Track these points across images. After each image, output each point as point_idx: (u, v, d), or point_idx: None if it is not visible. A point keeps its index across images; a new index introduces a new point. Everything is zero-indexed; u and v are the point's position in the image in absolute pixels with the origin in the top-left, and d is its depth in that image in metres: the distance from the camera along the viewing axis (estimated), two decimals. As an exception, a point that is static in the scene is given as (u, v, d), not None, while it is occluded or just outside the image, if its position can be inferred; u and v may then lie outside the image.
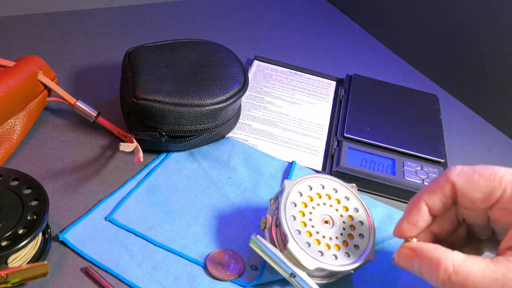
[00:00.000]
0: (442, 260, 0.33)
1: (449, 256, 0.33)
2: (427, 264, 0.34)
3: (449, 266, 0.33)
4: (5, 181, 0.41)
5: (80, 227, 0.44)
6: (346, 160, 0.54)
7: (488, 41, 0.67)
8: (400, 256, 0.37)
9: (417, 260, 0.35)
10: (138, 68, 0.52)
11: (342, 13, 0.89)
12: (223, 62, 0.55)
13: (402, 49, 0.79)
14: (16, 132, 0.50)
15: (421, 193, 0.37)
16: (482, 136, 0.66)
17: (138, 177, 0.50)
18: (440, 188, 0.36)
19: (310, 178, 0.45)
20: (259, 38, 0.77)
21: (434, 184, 0.37)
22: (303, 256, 0.40)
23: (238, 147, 0.55)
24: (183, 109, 0.49)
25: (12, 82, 0.48)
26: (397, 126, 0.60)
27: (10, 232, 0.37)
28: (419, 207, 0.37)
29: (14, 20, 0.70)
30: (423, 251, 0.35)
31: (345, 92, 0.65)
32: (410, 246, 0.37)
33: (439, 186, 0.36)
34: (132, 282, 0.41)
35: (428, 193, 0.37)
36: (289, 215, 0.42)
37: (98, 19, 0.74)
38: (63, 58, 0.65)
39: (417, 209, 0.37)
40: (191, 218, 0.47)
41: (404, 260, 0.36)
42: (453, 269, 0.32)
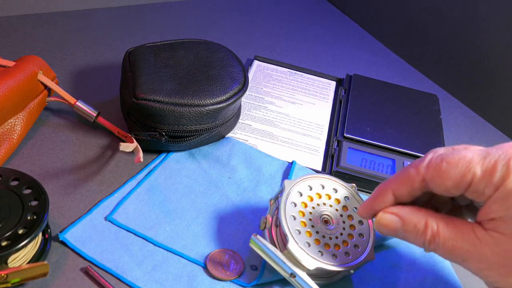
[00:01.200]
0: (428, 221, 0.35)
1: (433, 218, 0.35)
2: (412, 226, 0.35)
3: (434, 227, 0.35)
4: (5, 181, 0.41)
5: (80, 227, 0.44)
6: (346, 160, 0.54)
7: (488, 41, 0.67)
8: (382, 221, 0.37)
9: (401, 224, 0.36)
10: (138, 68, 0.52)
11: (342, 13, 0.89)
12: (223, 62, 0.55)
13: (402, 49, 0.79)
14: (16, 132, 0.50)
15: (389, 182, 0.37)
16: (482, 136, 0.66)
17: (138, 177, 0.50)
18: (410, 179, 0.36)
19: (310, 178, 0.45)
20: (259, 38, 0.77)
21: (403, 175, 0.37)
22: (303, 256, 0.40)
23: (238, 147, 0.55)
24: (183, 109, 0.49)
25: (12, 82, 0.48)
26: (397, 126, 0.60)
27: (10, 232, 0.37)
28: (385, 196, 0.37)
29: (14, 20, 0.70)
30: (407, 214, 0.36)
31: (345, 92, 0.65)
32: (391, 211, 0.37)
33: (408, 178, 0.36)
34: (132, 282, 0.41)
35: (396, 184, 0.37)
36: (289, 215, 0.42)
37: (98, 19, 0.74)
38: (63, 58, 0.65)
39: (383, 198, 0.37)
40: (191, 218, 0.47)
41: (387, 225, 0.37)
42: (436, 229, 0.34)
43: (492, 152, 0.33)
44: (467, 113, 0.70)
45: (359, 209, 0.40)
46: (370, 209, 0.39)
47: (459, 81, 0.72)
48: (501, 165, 0.32)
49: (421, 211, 0.36)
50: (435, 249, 0.35)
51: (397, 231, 0.37)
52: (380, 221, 0.37)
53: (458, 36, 0.71)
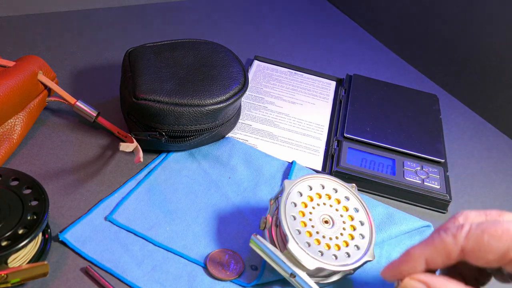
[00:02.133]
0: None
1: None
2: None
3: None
4: (5, 181, 0.41)
5: (80, 227, 0.44)
6: (346, 160, 0.54)
7: (488, 41, 0.67)
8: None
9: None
10: (138, 68, 0.52)
11: (342, 13, 0.89)
12: (223, 62, 0.55)
13: (402, 49, 0.79)
14: (16, 132, 0.50)
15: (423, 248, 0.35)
16: (482, 136, 0.66)
17: (138, 177, 0.50)
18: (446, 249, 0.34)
19: (310, 178, 0.45)
20: (259, 38, 0.77)
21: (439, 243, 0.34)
22: (303, 256, 0.40)
23: (238, 147, 0.55)
24: (183, 109, 0.49)
25: (12, 82, 0.48)
26: (397, 126, 0.60)
27: (10, 232, 0.37)
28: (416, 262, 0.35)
29: (14, 20, 0.70)
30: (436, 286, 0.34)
31: (345, 92, 0.65)
32: (419, 278, 0.35)
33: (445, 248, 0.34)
34: (132, 282, 0.41)
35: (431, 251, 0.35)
36: (289, 215, 0.42)
37: (98, 19, 0.74)
38: (63, 58, 0.65)
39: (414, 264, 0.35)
40: (191, 218, 0.47)
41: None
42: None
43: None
44: (467, 113, 0.70)
45: (384, 270, 0.37)
46: (397, 273, 0.36)
47: (459, 81, 0.72)
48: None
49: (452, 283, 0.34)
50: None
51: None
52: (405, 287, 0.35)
53: (458, 36, 0.71)
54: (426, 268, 0.35)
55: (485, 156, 0.63)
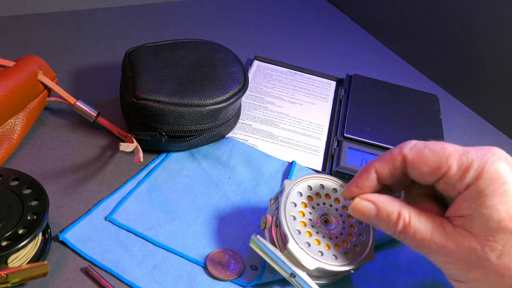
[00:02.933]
0: (401, 212, 0.37)
1: (406, 209, 0.37)
2: (386, 215, 0.37)
3: (406, 219, 0.36)
4: (5, 181, 0.41)
5: (80, 227, 0.44)
6: (346, 160, 0.54)
7: (488, 41, 0.67)
8: (358, 207, 0.39)
9: (375, 212, 0.38)
10: (138, 68, 0.52)
11: (342, 13, 0.89)
12: (223, 62, 0.55)
13: (402, 49, 0.79)
14: (16, 132, 0.50)
15: (374, 161, 0.39)
16: (482, 136, 0.66)
17: (138, 177, 0.50)
18: (392, 159, 0.38)
19: (310, 178, 0.45)
20: (259, 38, 0.77)
21: (387, 154, 0.38)
22: (303, 256, 0.40)
23: (238, 147, 0.55)
24: (183, 109, 0.49)
25: (12, 82, 0.48)
26: (397, 126, 0.60)
27: (10, 232, 0.37)
28: (369, 173, 0.39)
29: (14, 20, 0.70)
30: (382, 203, 0.38)
31: (345, 92, 0.65)
32: (367, 197, 0.39)
33: (391, 157, 0.38)
34: (132, 282, 0.41)
35: (380, 162, 0.39)
36: (289, 215, 0.42)
37: (98, 19, 0.74)
38: (63, 58, 0.65)
39: (367, 175, 0.39)
40: (191, 218, 0.47)
41: (362, 211, 0.39)
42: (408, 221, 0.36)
43: (471, 152, 0.35)
44: (467, 113, 0.70)
45: (343, 190, 0.41)
46: (353, 187, 0.40)
47: (459, 81, 0.72)
48: (477, 166, 0.34)
49: (396, 201, 0.38)
50: (404, 239, 0.37)
51: (371, 218, 0.38)
52: (356, 206, 0.39)
53: (458, 36, 0.71)
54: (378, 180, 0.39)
55: (485, 156, 0.63)
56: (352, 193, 0.40)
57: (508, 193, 0.33)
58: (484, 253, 0.34)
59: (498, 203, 0.33)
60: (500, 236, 0.34)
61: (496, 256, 0.34)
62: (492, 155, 0.35)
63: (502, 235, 0.34)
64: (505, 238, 0.33)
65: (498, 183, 0.34)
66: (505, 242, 0.34)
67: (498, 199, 0.33)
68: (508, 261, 0.34)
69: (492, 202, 0.33)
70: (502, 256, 0.34)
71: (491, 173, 0.34)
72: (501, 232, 0.33)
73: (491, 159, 0.34)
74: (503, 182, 0.34)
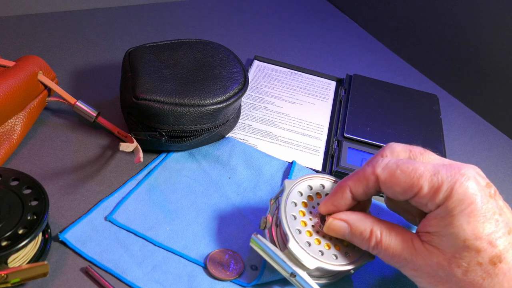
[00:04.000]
0: (373, 230, 0.39)
1: (378, 227, 0.39)
2: (359, 233, 0.39)
3: (378, 236, 0.39)
4: (5, 181, 0.41)
5: (80, 227, 0.44)
6: (346, 160, 0.54)
7: (488, 41, 0.67)
8: (332, 227, 0.40)
9: (348, 230, 0.40)
10: (138, 68, 0.52)
11: (342, 13, 0.89)
12: (223, 62, 0.55)
13: (402, 49, 0.79)
14: (16, 132, 0.50)
15: (348, 179, 0.40)
16: (482, 136, 0.66)
17: (138, 177, 0.50)
18: (366, 179, 0.39)
19: (310, 178, 0.45)
20: (259, 38, 0.77)
21: (361, 173, 0.39)
22: (303, 255, 0.40)
23: (238, 147, 0.55)
24: (183, 109, 0.49)
25: (12, 82, 0.48)
26: (397, 126, 0.60)
27: (10, 232, 0.37)
28: (343, 192, 0.40)
29: (14, 20, 0.70)
30: (355, 222, 0.40)
31: (345, 92, 0.65)
32: (340, 217, 0.40)
33: (364, 177, 0.39)
34: (132, 282, 0.41)
35: (354, 181, 0.40)
36: (289, 215, 0.42)
37: (98, 19, 0.74)
38: (63, 58, 0.65)
39: (342, 194, 0.40)
40: (191, 218, 0.47)
41: (336, 230, 0.40)
42: (380, 238, 0.38)
43: (441, 171, 0.37)
44: (467, 113, 0.70)
45: (320, 205, 0.42)
46: (329, 205, 0.41)
47: (459, 81, 0.72)
48: (446, 187, 0.36)
49: (368, 219, 0.40)
50: (377, 254, 0.39)
51: (345, 235, 0.40)
52: (330, 226, 0.41)
53: (458, 36, 0.71)
54: (352, 198, 0.40)
55: (485, 156, 0.63)
56: (328, 211, 0.41)
57: (474, 213, 0.35)
58: (451, 269, 0.36)
59: (464, 223, 0.35)
60: (465, 254, 0.36)
61: (462, 272, 0.36)
62: (461, 176, 0.36)
63: (467, 253, 0.35)
64: (470, 256, 0.35)
65: (466, 204, 0.35)
66: (470, 260, 0.36)
67: (465, 219, 0.35)
68: (473, 278, 0.36)
69: (459, 222, 0.35)
70: (467, 272, 0.36)
71: (460, 194, 0.35)
72: (466, 250, 0.35)
73: (460, 180, 0.36)
74: (470, 203, 0.35)
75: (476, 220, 0.35)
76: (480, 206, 0.35)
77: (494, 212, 0.36)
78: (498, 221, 0.36)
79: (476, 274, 0.36)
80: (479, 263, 0.35)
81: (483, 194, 0.36)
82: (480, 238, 0.35)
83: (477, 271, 0.36)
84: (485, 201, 0.36)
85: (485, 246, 0.35)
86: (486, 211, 0.35)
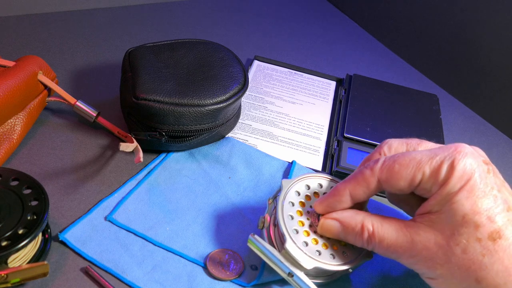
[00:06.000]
0: (364, 224, 0.39)
1: (369, 220, 0.39)
2: (351, 229, 0.39)
3: (370, 229, 0.38)
4: (5, 181, 0.41)
5: (80, 227, 0.44)
6: (346, 160, 0.54)
7: (488, 41, 0.67)
8: (325, 227, 0.40)
9: (341, 228, 0.40)
10: (138, 68, 0.52)
11: (342, 13, 0.89)
12: (223, 62, 0.55)
13: (402, 49, 0.79)
14: (16, 132, 0.50)
15: (347, 183, 0.40)
16: (482, 136, 0.66)
17: (138, 177, 0.50)
18: (366, 181, 0.39)
19: (308, 178, 0.45)
20: (259, 38, 0.77)
21: (359, 177, 0.39)
22: (300, 255, 0.40)
23: (238, 147, 0.55)
24: (183, 109, 0.49)
25: (12, 82, 0.49)
26: (397, 126, 0.60)
27: (10, 232, 0.37)
28: (342, 196, 0.40)
29: (14, 20, 0.70)
30: (346, 219, 0.39)
31: (345, 92, 0.65)
32: (331, 216, 0.40)
33: (364, 180, 0.39)
34: (132, 282, 0.41)
35: (353, 185, 0.39)
36: (286, 215, 0.42)
37: (98, 19, 0.74)
38: (63, 58, 0.65)
39: (340, 198, 0.40)
40: (191, 218, 0.47)
41: (329, 230, 0.40)
42: (372, 230, 0.38)
43: (438, 153, 0.37)
44: (467, 113, 0.70)
45: (316, 204, 0.42)
46: (327, 207, 0.41)
47: (459, 81, 0.72)
48: (446, 165, 0.36)
49: (359, 214, 0.39)
50: (373, 248, 0.39)
51: (338, 234, 0.40)
52: (323, 227, 0.41)
53: (458, 36, 0.71)
54: (351, 200, 0.40)
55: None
56: (324, 211, 0.41)
57: (473, 188, 0.35)
58: (450, 248, 0.36)
59: (463, 198, 0.35)
60: (464, 230, 0.35)
61: (461, 250, 0.35)
62: (458, 153, 0.36)
63: (466, 229, 0.35)
64: (469, 232, 0.35)
65: (464, 179, 0.35)
66: (468, 236, 0.35)
67: (464, 195, 0.35)
68: (472, 255, 0.35)
69: (458, 197, 0.35)
70: (466, 249, 0.35)
71: (459, 170, 0.35)
72: (465, 226, 0.35)
73: (458, 157, 0.36)
74: (468, 179, 0.35)
75: (475, 195, 0.35)
76: (479, 182, 0.35)
77: (492, 188, 0.36)
78: (496, 197, 0.35)
79: (475, 250, 0.35)
80: (478, 239, 0.35)
81: (481, 170, 0.36)
82: (479, 213, 0.35)
83: (476, 248, 0.35)
84: (483, 176, 0.36)
85: (484, 221, 0.35)
86: (484, 186, 0.35)
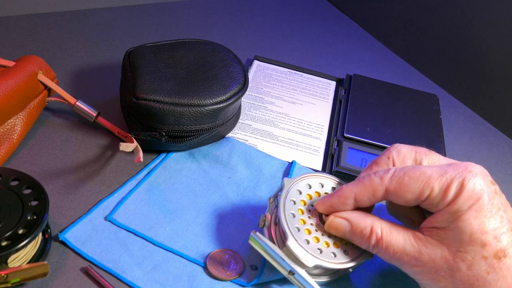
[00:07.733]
0: (373, 228, 0.39)
1: (378, 224, 0.39)
2: (359, 231, 0.39)
3: (378, 233, 0.39)
4: (5, 181, 0.41)
5: (80, 227, 0.44)
6: (346, 160, 0.54)
7: (488, 41, 0.67)
8: (333, 224, 0.41)
9: (349, 228, 0.40)
10: (138, 68, 0.52)
11: (342, 13, 0.89)
12: (223, 62, 0.55)
13: (402, 49, 0.79)
14: (16, 132, 0.50)
15: (353, 187, 0.40)
16: (482, 136, 0.66)
17: (138, 177, 0.50)
18: (373, 189, 0.39)
19: (309, 177, 0.45)
20: (259, 38, 0.77)
21: (367, 183, 0.39)
22: (302, 253, 0.40)
23: (238, 147, 0.55)
24: (183, 109, 0.49)
25: (12, 82, 0.49)
26: (397, 126, 0.60)
27: (10, 232, 0.37)
28: (346, 199, 0.40)
29: (14, 20, 0.70)
30: (355, 219, 0.40)
31: (345, 92, 0.65)
32: (341, 215, 0.40)
33: (372, 187, 0.39)
34: (132, 282, 0.41)
35: (360, 190, 0.40)
36: (288, 213, 0.42)
37: (98, 19, 0.74)
38: (63, 58, 0.65)
39: (344, 200, 0.40)
40: (191, 218, 0.47)
41: (337, 228, 0.40)
42: (380, 235, 0.38)
43: (449, 170, 0.37)
44: (467, 113, 0.70)
45: (318, 203, 0.42)
46: (329, 207, 0.41)
47: (459, 81, 0.72)
48: (456, 184, 0.36)
49: (368, 217, 0.40)
50: (378, 252, 0.39)
51: (345, 234, 0.40)
52: (331, 224, 0.41)
53: (458, 36, 0.71)
54: (355, 204, 0.40)
55: (485, 156, 0.63)
56: (326, 211, 0.42)
57: (481, 208, 0.36)
58: (455, 263, 0.36)
59: (471, 217, 0.36)
60: (471, 248, 0.36)
61: (467, 266, 0.36)
62: (468, 173, 0.37)
63: (472, 247, 0.36)
64: (475, 250, 0.36)
65: (474, 199, 0.36)
66: (475, 254, 0.36)
67: (472, 214, 0.36)
68: (477, 272, 0.36)
69: (467, 216, 0.36)
70: (471, 266, 0.36)
71: (468, 190, 0.36)
72: (472, 244, 0.36)
73: (468, 176, 0.37)
74: (477, 198, 0.36)
75: (483, 215, 0.36)
76: (487, 202, 0.36)
77: (499, 208, 0.37)
78: (502, 217, 0.36)
79: (480, 268, 0.36)
80: (484, 257, 0.36)
81: (489, 191, 0.37)
82: (486, 232, 0.36)
83: (482, 265, 0.36)
84: (491, 197, 0.37)
85: (491, 240, 0.36)
86: (492, 207, 0.36)
